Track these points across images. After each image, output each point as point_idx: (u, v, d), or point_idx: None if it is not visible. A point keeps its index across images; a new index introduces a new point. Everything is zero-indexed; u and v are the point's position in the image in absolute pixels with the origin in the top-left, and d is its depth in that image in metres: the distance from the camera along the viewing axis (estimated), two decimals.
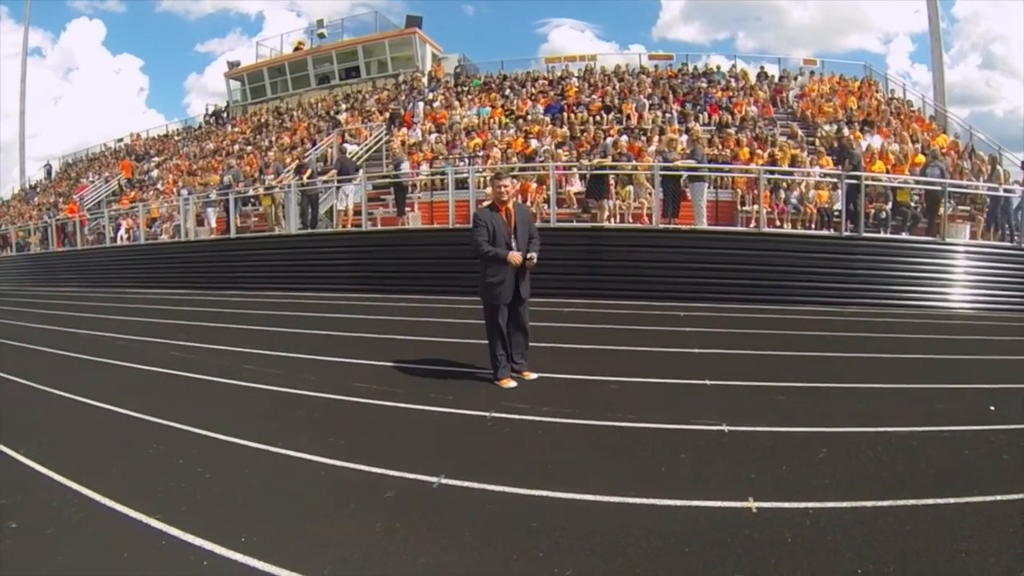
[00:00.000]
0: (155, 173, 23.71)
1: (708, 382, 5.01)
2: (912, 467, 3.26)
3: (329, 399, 4.78)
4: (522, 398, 4.58)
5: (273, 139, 21.23)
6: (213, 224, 15.23)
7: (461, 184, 12.30)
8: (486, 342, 5.04)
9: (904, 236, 10.72)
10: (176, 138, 27.99)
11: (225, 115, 27.97)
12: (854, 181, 10.54)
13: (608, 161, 12.37)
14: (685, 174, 10.99)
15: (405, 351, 6.38)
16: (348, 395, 4.83)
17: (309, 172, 13.39)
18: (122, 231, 18.36)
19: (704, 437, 3.77)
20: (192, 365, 6.14)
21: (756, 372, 5.38)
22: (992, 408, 4.27)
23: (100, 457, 3.72)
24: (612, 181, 11.89)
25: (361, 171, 13.47)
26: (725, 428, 3.86)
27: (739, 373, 5.32)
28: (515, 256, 4.76)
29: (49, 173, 35.59)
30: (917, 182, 11.40)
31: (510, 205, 4.89)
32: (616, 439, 3.80)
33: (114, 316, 10.40)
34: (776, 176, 11.75)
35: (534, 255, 4.85)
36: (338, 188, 12.73)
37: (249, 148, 21.39)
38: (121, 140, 33.83)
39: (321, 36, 25.67)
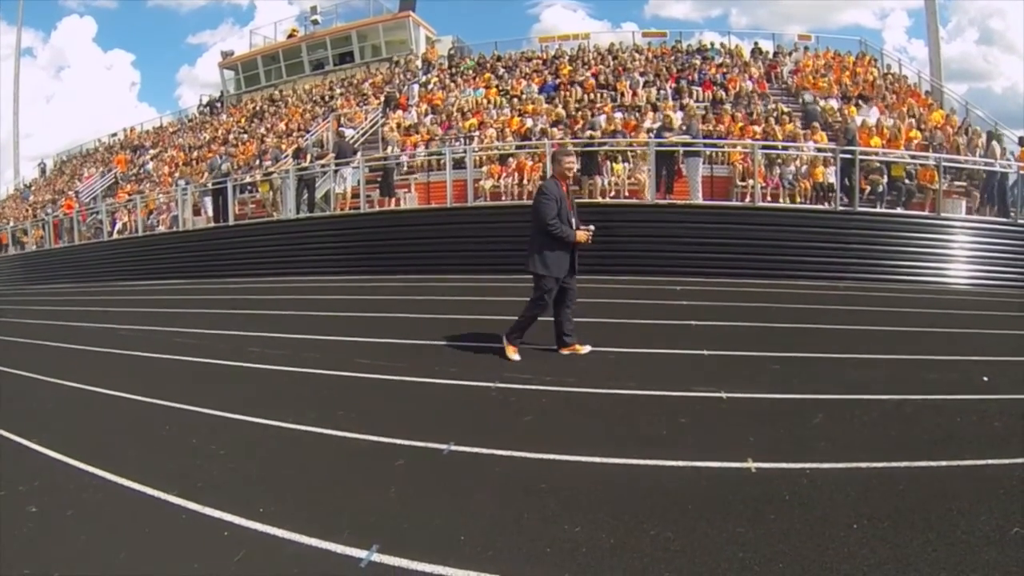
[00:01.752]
0: (151, 165, 23.61)
1: (706, 352, 5.10)
2: (906, 432, 3.35)
3: (335, 376, 4.87)
4: (526, 369, 4.67)
5: (268, 127, 21.15)
6: (210, 212, 15.24)
7: (458, 164, 12.36)
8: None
9: (899, 211, 10.76)
10: (170, 130, 27.84)
11: (219, 105, 27.79)
12: (849, 156, 10.58)
13: (598, 135, 12.43)
14: (681, 149, 10.99)
15: (405, 329, 6.48)
16: (354, 371, 4.92)
17: (308, 157, 13.38)
18: (119, 224, 18.39)
19: (703, 403, 3.87)
20: (198, 350, 6.21)
21: (752, 343, 5.45)
22: (985, 379, 4.31)
23: (114, 441, 3.77)
24: (603, 157, 11.91)
25: (359, 154, 13.44)
26: (723, 395, 3.95)
27: (736, 344, 5.41)
28: (582, 235, 4.89)
29: (43, 172, 35.54)
30: (912, 157, 11.44)
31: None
32: (618, 406, 3.90)
33: (115, 308, 10.42)
34: (770, 151, 11.75)
35: (592, 228, 4.99)
36: (336, 172, 12.72)
37: (245, 136, 21.30)
38: (115, 135, 33.73)
39: (315, 23, 25.47)
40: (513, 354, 4.97)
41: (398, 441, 3.38)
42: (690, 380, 4.27)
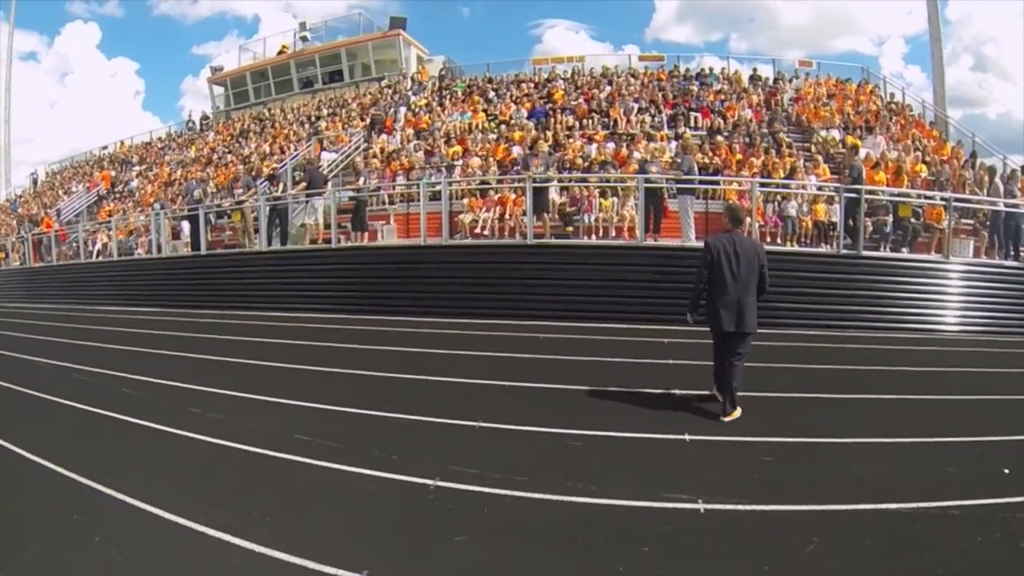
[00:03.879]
0: (135, 183, 23.03)
1: (688, 437, 4.39)
2: (917, 564, 2.75)
3: (265, 457, 4.23)
4: (472, 460, 4.01)
5: (253, 147, 20.55)
6: (187, 238, 14.62)
7: (437, 195, 11.68)
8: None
9: (906, 255, 10.06)
10: (159, 145, 27.30)
11: (208, 122, 27.27)
12: (853, 195, 9.86)
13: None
14: (672, 187, 10.30)
15: (357, 390, 5.95)
16: (287, 452, 4.27)
17: (281, 186, 12.71)
18: (99, 245, 17.89)
19: (677, 519, 3.21)
20: (137, 406, 5.56)
21: (741, 422, 4.74)
22: (1007, 471, 3.77)
23: (15, 531, 3.32)
24: (591, 193, 11.27)
25: (329, 184, 12.77)
26: (702, 507, 3.30)
27: (722, 424, 4.70)
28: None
29: (35, 183, 35.10)
30: (920, 195, 10.77)
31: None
32: (572, 521, 3.24)
33: (77, 340, 9.76)
34: (770, 189, 11.07)
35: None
36: (307, 202, 12.06)
37: (229, 156, 20.70)
38: (106, 147, 33.28)
39: (304, 39, 24.95)
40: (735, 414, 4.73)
41: (309, 564, 2.82)
42: (665, 482, 3.58)
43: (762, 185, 10.98)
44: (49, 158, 66.49)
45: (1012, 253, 10.99)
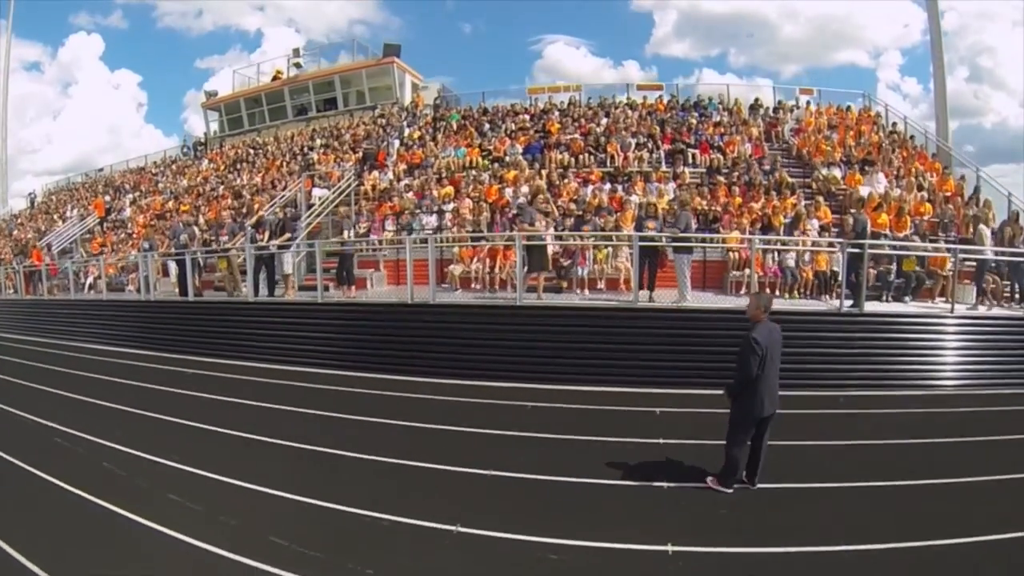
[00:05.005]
0: (128, 212, 22.78)
1: (671, 549, 4.10)
2: None
3: (237, 566, 4.02)
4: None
5: (245, 179, 20.27)
6: (174, 279, 14.36)
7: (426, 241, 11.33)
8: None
9: (910, 309, 9.68)
10: (153, 171, 27.08)
11: (202, 147, 27.04)
12: (857, 251, 9.48)
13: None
14: (671, 244, 9.94)
15: (341, 478, 5.63)
16: (263, 561, 4.03)
17: (267, 234, 12.38)
18: (90, 279, 17.79)
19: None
20: (112, 488, 5.33)
21: (728, 518, 4.50)
22: None
23: None
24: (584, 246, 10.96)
25: (299, 233, 12.49)
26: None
27: (711, 523, 4.47)
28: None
29: (32, 203, 35.01)
30: (924, 247, 10.46)
31: None
32: None
33: (65, 391, 9.47)
34: (771, 247, 10.75)
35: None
36: (287, 251, 11.88)
37: (221, 188, 20.44)
38: (101, 170, 33.15)
39: (297, 66, 24.69)
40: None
41: None
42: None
43: (763, 239, 10.67)
44: (53, 167, 67.22)
45: (1019, 296, 10.73)
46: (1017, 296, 10.77)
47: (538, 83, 21.07)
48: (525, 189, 13.80)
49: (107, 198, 25.62)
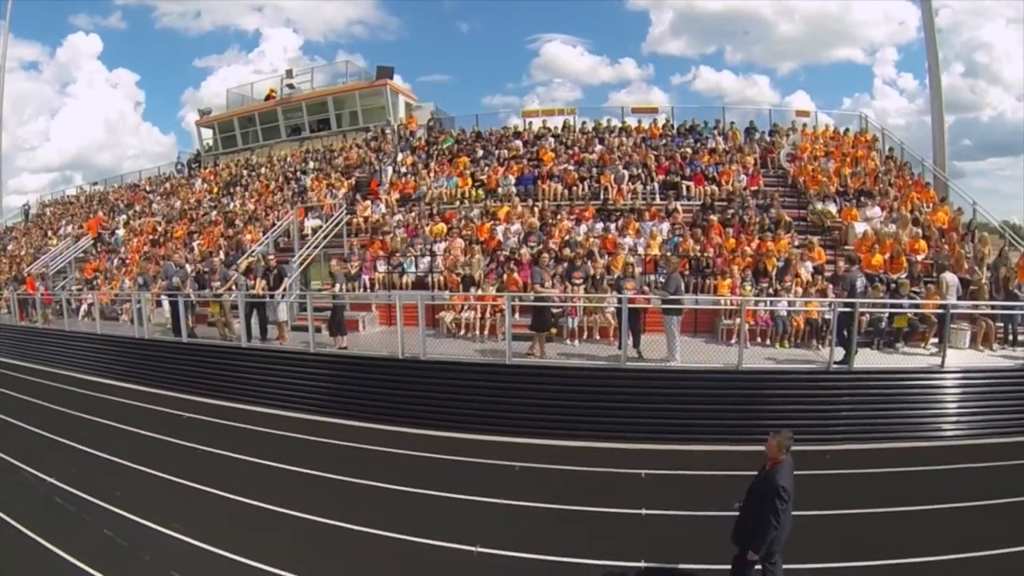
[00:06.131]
0: (121, 233, 22.67)
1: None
2: None
3: None
4: None
5: (237, 203, 20.18)
6: (167, 313, 14.33)
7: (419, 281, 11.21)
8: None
9: (900, 364, 9.60)
10: (147, 188, 26.95)
11: (196, 165, 26.91)
12: (847, 309, 9.42)
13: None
14: (659, 305, 9.91)
15: (331, 553, 5.62)
16: None
17: (258, 280, 12.30)
18: (84, 306, 17.84)
19: None
20: (118, 562, 5.32)
21: None
22: None
23: None
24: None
25: (288, 282, 12.47)
26: None
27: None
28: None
29: (27, 215, 34.90)
30: (916, 303, 10.42)
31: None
32: None
33: (65, 438, 9.43)
34: (762, 308, 10.75)
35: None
36: (271, 298, 11.88)
37: (214, 213, 20.34)
38: (95, 184, 33.04)
39: (290, 87, 24.49)
40: None
41: None
42: None
43: (755, 299, 10.72)
44: (50, 164, 67.29)
45: (1012, 339, 10.70)
46: (1010, 338, 10.77)
47: (535, 80, 20.90)
48: (517, 227, 13.76)
49: (102, 214, 25.54)
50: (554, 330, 11.08)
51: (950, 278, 10.68)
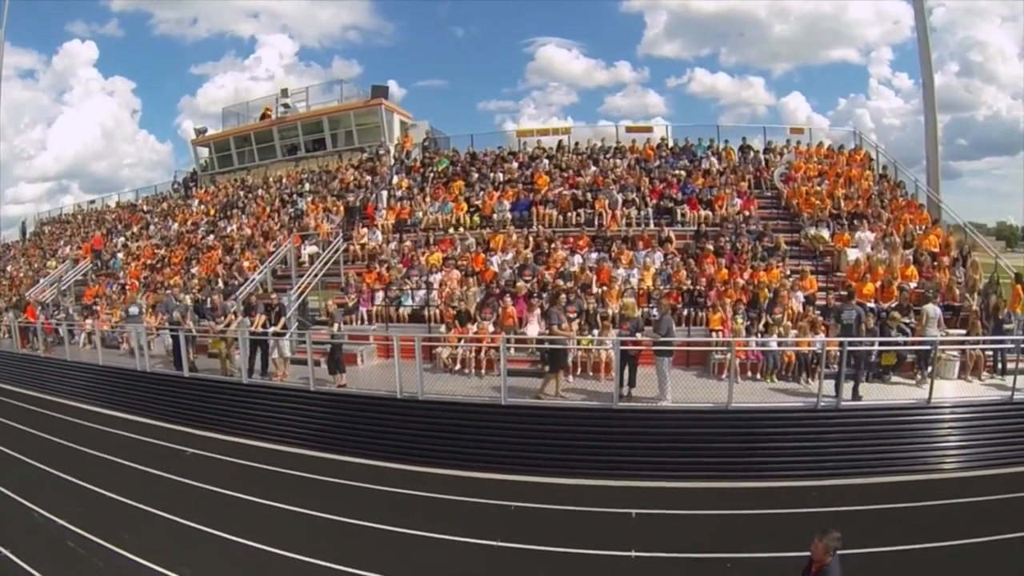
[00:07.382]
0: (120, 257, 22.80)
1: None
2: None
3: None
4: None
5: (235, 226, 20.29)
6: (167, 343, 14.44)
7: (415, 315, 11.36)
8: None
9: (888, 401, 9.70)
10: (144, 208, 27.07)
11: (194, 184, 27.02)
12: (838, 348, 9.57)
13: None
14: (651, 348, 10.05)
15: None
16: None
17: (261, 320, 12.43)
18: (83, 334, 17.87)
19: None
20: None
21: None
22: None
23: None
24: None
25: (286, 317, 12.65)
26: None
27: None
28: None
29: (24, 233, 35.05)
30: (908, 339, 10.56)
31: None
32: None
33: (72, 476, 9.50)
34: (752, 347, 10.91)
35: None
36: (271, 335, 12.04)
37: (211, 238, 20.46)
38: (93, 202, 33.16)
39: (285, 107, 24.60)
40: None
41: None
42: None
43: (745, 339, 10.91)
44: (47, 172, 67.45)
45: (1001, 367, 10.81)
46: (999, 367, 10.89)
47: (531, 84, 21.14)
48: (511, 256, 13.91)
49: (99, 233, 25.62)
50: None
51: (931, 310, 10.72)
